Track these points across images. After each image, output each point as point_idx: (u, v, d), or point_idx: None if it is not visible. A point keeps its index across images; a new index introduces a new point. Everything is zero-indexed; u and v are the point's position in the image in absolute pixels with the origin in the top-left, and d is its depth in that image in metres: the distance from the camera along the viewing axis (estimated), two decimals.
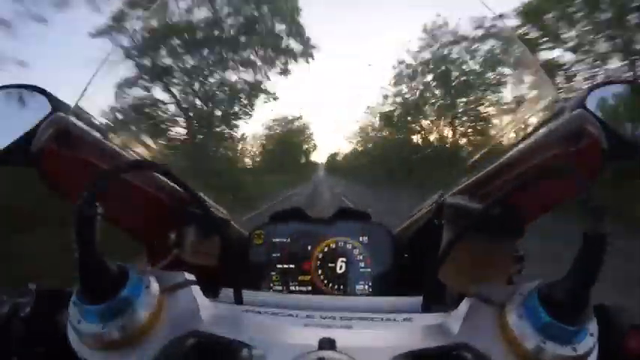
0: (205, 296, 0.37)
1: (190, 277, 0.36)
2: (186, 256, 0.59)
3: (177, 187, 0.37)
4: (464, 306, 0.34)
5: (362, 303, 0.58)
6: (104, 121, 0.54)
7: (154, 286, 0.32)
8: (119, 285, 0.30)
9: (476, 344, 0.30)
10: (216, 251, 0.59)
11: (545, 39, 8.60)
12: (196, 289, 0.36)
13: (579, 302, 0.28)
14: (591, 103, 0.46)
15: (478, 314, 0.33)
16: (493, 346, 0.30)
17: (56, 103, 0.47)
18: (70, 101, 0.50)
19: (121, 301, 0.30)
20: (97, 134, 0.50)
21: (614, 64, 7.72)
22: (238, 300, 0.42)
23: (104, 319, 0.29)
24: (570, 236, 0.31)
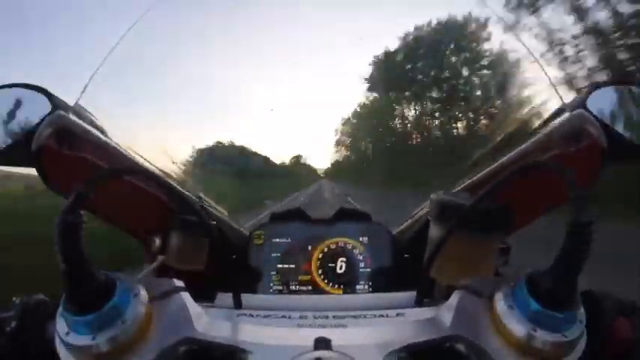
0: (200, 302, 0.36)
1: (179, 283, 0.36)
2: (171, 262, 0.58)
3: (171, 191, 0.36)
4: (454, 299, 0.34)
5: (355, 300, 0.58)
6: (105, 119, 0.53)
7: (143, 295, 0.32)
8: (107, 294, 0.30)
9: (468, 335, 0.31)
10: (205, 256, 0.58)
11: None
12: (186, 296, 0.35)
13: (567, 290, 0.29)
14: (592, 104, 0.46)
15: (469, 306, 0.33)
16: (485, 336, 0.31)
17: (56, 102, 0.46)
18: (71, 100, 0.50)
19: (109, 311, 0.29)
20: (98, 133, 0.50)
21: None
22: (237, 304, 0.41)
23: (93, 330, 0.29)
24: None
